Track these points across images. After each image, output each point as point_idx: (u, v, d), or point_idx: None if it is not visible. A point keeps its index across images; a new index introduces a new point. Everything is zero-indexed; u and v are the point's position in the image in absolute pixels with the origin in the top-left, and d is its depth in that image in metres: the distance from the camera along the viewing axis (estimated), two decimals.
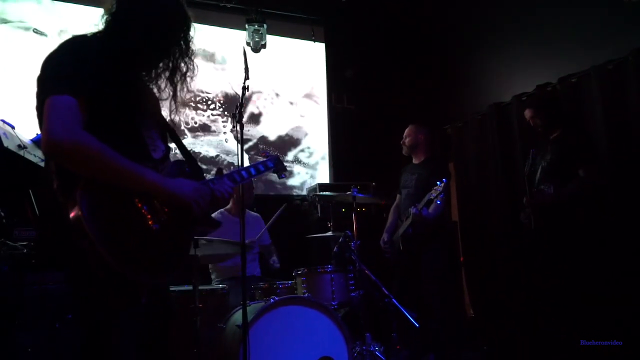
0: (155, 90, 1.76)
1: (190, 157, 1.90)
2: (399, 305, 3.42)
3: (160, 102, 1.80)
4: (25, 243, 3.02)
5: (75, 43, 1.61)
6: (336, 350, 3.05)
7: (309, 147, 5.87)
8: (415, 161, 4.25)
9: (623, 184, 3.64)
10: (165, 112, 1.83)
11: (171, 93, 1.77)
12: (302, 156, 5.82)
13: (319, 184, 5.21)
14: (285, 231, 4.52)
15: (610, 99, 3.77)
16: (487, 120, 4.90)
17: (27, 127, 2.97)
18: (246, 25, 5.56)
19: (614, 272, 3.53)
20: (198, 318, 2.97)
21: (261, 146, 5.57)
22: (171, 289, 3.26)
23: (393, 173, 4.51)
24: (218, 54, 5.50)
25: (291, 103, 5.86)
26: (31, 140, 2.99)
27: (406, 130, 4.28)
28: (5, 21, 4.64)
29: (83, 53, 1.56)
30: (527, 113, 3.71)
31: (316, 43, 6.00)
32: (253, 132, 5.57)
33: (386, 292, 3.48)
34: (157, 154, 1.70)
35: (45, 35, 4.78)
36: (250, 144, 5.54)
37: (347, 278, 3.54)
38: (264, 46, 5.63)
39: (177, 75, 1.75)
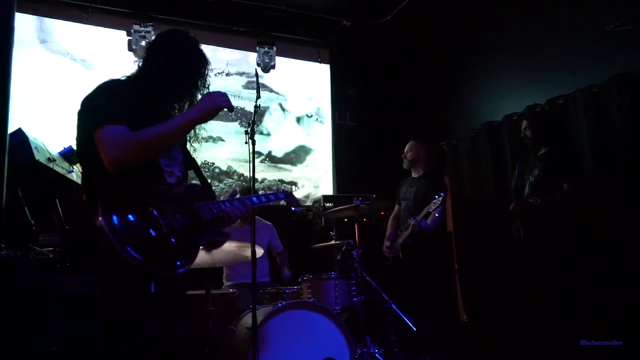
0: None
1: (204, 181, 1.99)
2: (397, 310, 3.44)
3: None
4: (50, 248, 3.06)
5: (108, 84, 1.81)
6: (339, 352, 3.06)
7: (313, 162, 5.91)
8: (414, 175, 4.27)
9: (605, 197, 3.68)
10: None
11: None
12: (307, 169, 5.86)
13: (323, 195, 5.23)
14: (292, 240, 4.55)
15: (594, 119, 3.81)
16: (480, 138, 4.94)
17: (52, 140, 3.04)
18: (257, 48, 5.64)
19: (597, 277, 3.55)
20: (210, 320, 2.99)
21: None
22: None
23: (392, 185, 4.53)
24: (231, 72, 5.57)
25: (298, 120, 5.91)
26: (59, 153, 3.04)
27: (407, 145, 4.29)
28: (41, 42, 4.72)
29: (115, 91, 1.76)
30: (523, 123, 3.78)
31: (321, 64, 6.08)
32: (262, 146, 5.61)
33: (386, 298, 3.50)
34: (171, 179, 1.80)
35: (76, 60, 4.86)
36: (261, 158, 5.59)
37: (349, 284, 3.55)
38: (273, 67, 5.71)
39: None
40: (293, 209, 2.47)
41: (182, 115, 1.77)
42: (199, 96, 1.88)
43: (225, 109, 1.84)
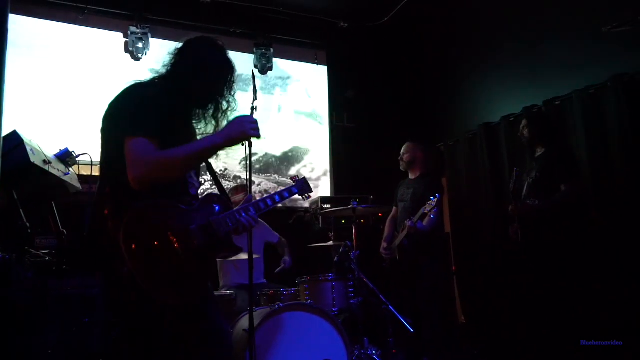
0: (201, 125, 1.91)
1: (222, 189, 2.03)
2: (395, 312, 3.43)
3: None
4: (46, 251, 3.05)
5: (139, 89, 1.81)
6: (336, 354, 3.05)
7: (311, 163, 5.90)
8: (411, 176, 4.27)
9: (603, 198, 3.68)
10: None
11: (214, 127, 1.92)
12: (305, 171, 5.85)
13: (320, 197, 5.21)
14: (289, 241, 4.54)
15: (591, 120, 3.81)
16: (477, 139, 4.94)
17: (46, 142, 3.03)
18: (254, 49, 5.63)
19: (596, 278, 3.55)
20: None
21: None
22: None
23: (390, 187, 4.53)
24: None
25: (295, 121, 5.90)
26: (55, 155, 3.02)
27: (404, 147, 4.29)
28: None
29: (147, 98, 1.75)
30: (522, 122, 3.79)
31: (319, 66, 6.07)
32: (259, 147, 5.60)
33: (383, 299, 3.50)
34: (193, 190, 1.85)
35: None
36: (257, 157, 5.58)
37: (347, 286, 3.54)
38: (270, 68, 5.70)
39: (220, 112, 1.92)
40: (307, 197, 2.47)
41: (208, 139, 1.77)
42: (225, 104, 1.91)
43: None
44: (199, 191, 1.92)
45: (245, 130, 1.77)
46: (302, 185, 2.42)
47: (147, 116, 1.68)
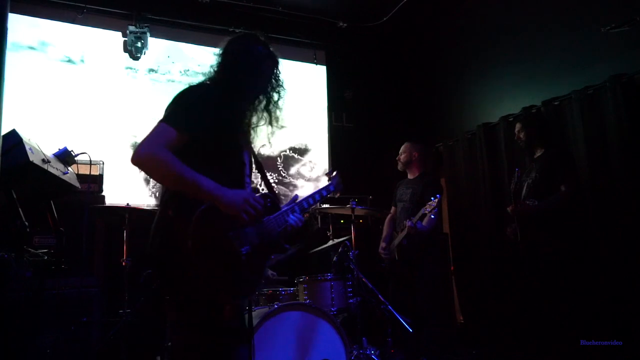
0: (254, 119, 1.96)
1: (271, 189, 2.07)
2: (394, 312, 3.43)
3: (255, 131, 2.00)
4: (45, 250, 3.05)
5: (185, 90, 1.85)
6: (335, 354, 3.06)
7: (310, 162, 5.90)
8: (410, 176, 4.27)
9: (602, 198, 3.69)
10: (263, 136, 2.04)
11: (268, 119, 1.99)
12: (304, 170, 5.85)
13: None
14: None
15: (589, 120, 3.82)
16: (476, 139, 4.95)
17: (44, 141, 3.02)
18: None
19: (595, 277, 3.56)
20: None
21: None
22: None
23: (389, 186, 4.53)
24: None
25: (294, 121, 5.90)
26: (54, 154, 3.02)
27: (402, 148, 4.30)
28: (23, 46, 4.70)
29: (197, 99, 1.81)
30: (517, 126, 3.79)
31: (318, 66, 6.08)
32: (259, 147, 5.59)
33: (382, 299, 3.50)
34: (248, 189, 1.90)
35: (74, 63, 4.84)
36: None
37: (345, 285, 3.54)
38: None
39: (271, 104, 2.00)
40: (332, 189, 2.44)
41: (208, 182, 1.68)
42: (275, 95, 1.99)
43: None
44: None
45: (238, 208, 1.70)
46: (337, 182, 2.42)
47: (182, 112, 1.75)
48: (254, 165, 2.06)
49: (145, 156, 1.65)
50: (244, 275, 1.72)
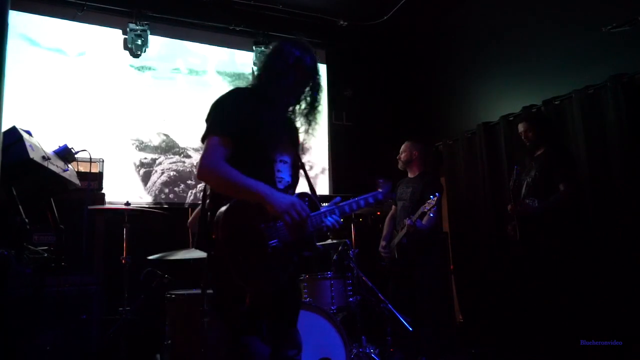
0: (298, 123, 2.10)
1: (312, 188, 2.12)
2: (393, 310, 3.44)
3: (298, 133, 2.16)
4: (45, 247, 3.04)
5: (231, 94, 1.99)
6: (335, 352, 3.06)
7: (309, 161, 5.90)
8: (410, 175, 4.28)
9: (602, 197, 3.69)
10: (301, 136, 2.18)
11: (308, 122, 2.13)
12: None
13: (319, 195, 5.21)
14: None
15: (590, 120, 3.82)
16: (476, 138, 4.95)
17: (44, 138, 3.02)
18: (253, 47, 5.62)
19: (595, 277, 3.56)
20: (205, 320, 2.98)
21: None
22: (180, 293, 3.28)
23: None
24: (228, 72, 5.56)
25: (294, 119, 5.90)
26: (54, 151, 3.01)
27: (402, 147, 4.31)
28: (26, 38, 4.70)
29: (233, 103, 1.94)
30: (521, 126, 3.77)
31: (318, 64, 6.06)
32: None
33: (382, 298, 3.50)
34: (281, 185, 1.98)
35: (66, 55, 4.83)
36: None
37: (345, 284, 3.55)
38: None
39: (311, 108, 2.11)
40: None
41: (261, 186, 1.79)
42: (313, 100, 2.08)
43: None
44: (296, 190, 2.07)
45: (283, 210, 1.77)
46: (387, 191, 2.37)
47: (222, 117, 1.87)
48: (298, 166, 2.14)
49: (208, 174, 1.81)
50: (267, 267, 1.77)
